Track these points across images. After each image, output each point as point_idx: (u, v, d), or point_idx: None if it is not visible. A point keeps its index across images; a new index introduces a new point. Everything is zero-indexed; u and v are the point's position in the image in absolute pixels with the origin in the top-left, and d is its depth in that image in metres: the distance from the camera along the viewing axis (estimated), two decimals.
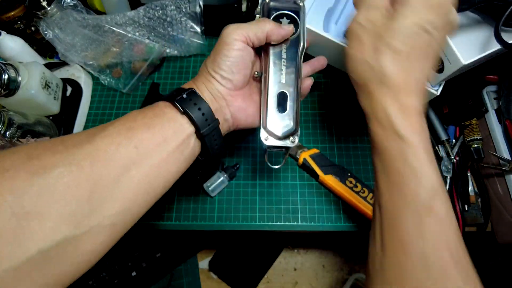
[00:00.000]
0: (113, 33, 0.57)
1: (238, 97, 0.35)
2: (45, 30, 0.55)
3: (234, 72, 0.34)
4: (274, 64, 0.36)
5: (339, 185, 0.49)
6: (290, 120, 0.36)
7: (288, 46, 0.37)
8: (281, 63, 0.36)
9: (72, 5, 0.57)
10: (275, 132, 0.35)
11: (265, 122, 0.35)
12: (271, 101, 0.35)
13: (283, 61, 0.36)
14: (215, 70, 0.34)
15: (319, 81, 0.60)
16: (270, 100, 0.35)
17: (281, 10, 0.37)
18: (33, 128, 0.49)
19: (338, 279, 1.07)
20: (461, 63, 0.41)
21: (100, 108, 0.59)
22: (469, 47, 0.46)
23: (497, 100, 0.51)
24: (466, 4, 0.40)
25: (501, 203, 0.48)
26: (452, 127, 0.54)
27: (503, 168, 0.47)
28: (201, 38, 0.59)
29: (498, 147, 0.48)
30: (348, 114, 0.57)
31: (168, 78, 0.61)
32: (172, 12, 0.57)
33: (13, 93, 0.46)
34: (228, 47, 0.33)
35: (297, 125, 0.36)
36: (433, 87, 0.48)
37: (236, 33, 0.33)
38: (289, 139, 0.36)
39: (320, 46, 0.53)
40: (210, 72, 0.34)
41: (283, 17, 0.37)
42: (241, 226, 0.50)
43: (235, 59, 0.33)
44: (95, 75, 0.60)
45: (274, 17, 0.37)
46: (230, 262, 0.99)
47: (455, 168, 0.51)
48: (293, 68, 0.36)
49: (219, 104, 0.34)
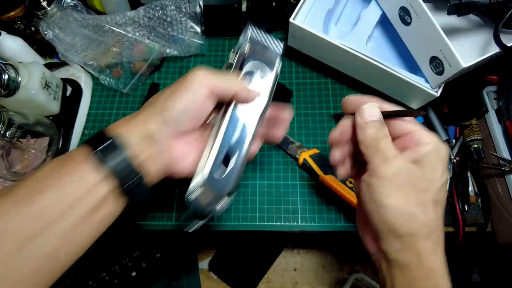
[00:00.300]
0: (113, 33, 0.57)
1: (180, 143, 0.31)
2: (45, 30, 0.55)
3: (186, 120, 0.30)
4: (231, 120, 0.32)
5: (339, 185, 0.49)
6: (228, 182, 0.31)
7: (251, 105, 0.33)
8: (239, 121, 0.33)
9: (72, 5, 0.57)
10: (208, 190, 0.31)
11: (200, 176, 0.31)
12: (212, 157, 0.31)
13: (241, 119, 0.33)
14: (164, 112, 0.29)
15: (319, 81, 0.60)
16: (213, 156, 0.31)
17: (257, 61, 0.34)
18: (33, 128, 0.49)
19: (338, 279, 1.07)
20: (461, 66, 0.41)
21: (100, 108, 0.59)
22: (469, 50, 0.46)
23: (497, 100, 0.51)
24: (467, 8, 0.40)
25: (501, 203, 0.48)
26: (452, 127, 0.54)
27: (503, 168, 0.47)
28: (201, 38, 0.59)
29: (498, 147, 0.48)
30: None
31: (168, 78, 0.61)
32: (172, 12, 0.57)
33: (13, 93, 0.46)
34: (190, 93, 0.29)
35: (233, 188, 0.32)
36: (433, 89, 0.48)
37: (204, 80, 0.30)
38: (220, 203, 0.31)
39: (320, 47, 0.53)
40: (157, 112, 0.29)
41: (258, 70, 0.34)
42: (241, 226, 0.50)
43: (192, 108, 0.29)
44: (95, 75, 0.60)
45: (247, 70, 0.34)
46: (230, 262, 0.99)
47: (455, 168, 0.51)
48: (249, 129, 0.33)
49: (153, 150, 0.29)
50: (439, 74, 0.45)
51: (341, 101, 0.34)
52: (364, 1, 0.57)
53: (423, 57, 0.47)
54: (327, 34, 0.53)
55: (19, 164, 0.50)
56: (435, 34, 0.43)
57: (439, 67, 0.45)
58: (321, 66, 0.58)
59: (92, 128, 0.58)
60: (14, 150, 0.50)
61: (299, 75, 0.61)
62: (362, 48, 0.50)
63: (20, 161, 0.50)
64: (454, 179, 0.50)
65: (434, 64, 0.45)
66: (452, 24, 0.48)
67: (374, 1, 0.53)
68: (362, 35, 0.52)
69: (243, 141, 0.33)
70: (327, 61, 0.57)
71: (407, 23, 0.47)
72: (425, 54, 0.46)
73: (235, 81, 0.32)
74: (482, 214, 0.50)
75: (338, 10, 0.57)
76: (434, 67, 0.45)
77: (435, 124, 0.54)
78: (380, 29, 0.56)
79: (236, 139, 0.32)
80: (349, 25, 0.56)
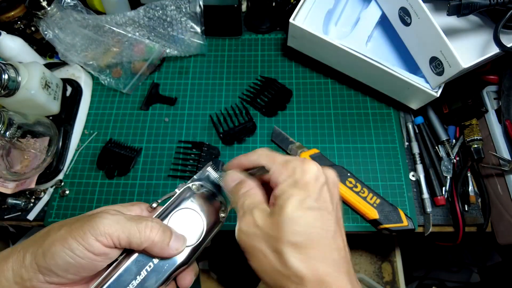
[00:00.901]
0: (113, 33, 0.57)
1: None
2: (45, 30, 0.55)
3: (71, 274, 0.24)
4: (128, 269, 0.26)
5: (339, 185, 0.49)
6: None
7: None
8: (141, 271, 0.26)
9: (72, 5, 0.57)
10: None
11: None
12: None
13: (146, 270, 0.26)
14: (41, 261, 0.24)
15: (319, 81, 0.60)
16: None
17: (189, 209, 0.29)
18: (33, 128, 0.49)
19: None
20: (460, 66, 0.41)
21: (100, 108, 0.59)
22: (469, 51, 0.46)
23: (497, 100, 0.51)
24: (467, 9, 0.40)
25: (501, 203, 0.48)
26: (452, 127, 0.54)
27: (503, 168, 0.47)
28: (201, 38, 0.59)
29: (498, 147, 0.48)
30: (348, 114, 0.57)
31: (168, 78, 0.61)
32: (172, 12, 0.57)
33: (13, 93, 0.46)
34: (80, 246, 0.24)
35: None
36: (433, 89, 0.48)
37: (108, 230, 0.24)
38: None
39: (320, 48, 0.53)
40: (35, 258, 0.24)
41: (187, 218, 0.29)
42: None
43: (80, 262, 0.24)
44: (95, 75, 0.60)
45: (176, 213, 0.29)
46: (230, 262, 0.99)
47: (455, 168, 0.51)
48: (154, 284, 0.26)
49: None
50: (439, 74, 0.45)
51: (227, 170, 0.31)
52: (364, 2, 0.57)
53: (423, 58, 0.47)
54: (327, 35, 0.53)
55: (19, 164, 0.50)
56: (435, 35, 0.43)
57: (439, 68, 0.45)
58: (321, 66, 0.58)
59: (92, 128, 0.58)
60: (14, 150, 0.50)
61: (299, 75, 0.61)
62: (362, 49, 0.50)
63: (20, 161, 0.50)
64: (454, 179, 0.51)
65: (434, 64, 0.45)
66: (452, 25, 0.48)
67: (374, 2, 0.53)
68: (362, 35, 0.52)
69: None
70: (327, 61, 0.57)
71: (407, 23, 0.47)
72: (425, 54, 0.46)
73: (152, 230, 0.26)
74: (482, 214, 0.50)
75: (338, 10, 0.57)
76: (434, 68, 0.46)
77: (435, 124, 0.54)
78: (380, 29, 0.56)
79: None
80: (349, 25, 0.56)
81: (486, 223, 0.49)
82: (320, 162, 0.51)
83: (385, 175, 0.52)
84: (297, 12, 0.52)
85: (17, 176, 0.49)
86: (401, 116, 0.56)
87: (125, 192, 0.53)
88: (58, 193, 0.53)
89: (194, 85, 0.61)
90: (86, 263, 0.24)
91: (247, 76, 0.61)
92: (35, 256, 0.24)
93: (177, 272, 0.28)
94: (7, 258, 0.25)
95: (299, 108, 0.58)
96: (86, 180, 0.54)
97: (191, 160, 0.54)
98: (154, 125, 0.58)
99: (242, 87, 0.60)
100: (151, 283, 0.26)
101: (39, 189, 0.53)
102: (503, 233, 0.48)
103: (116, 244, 0.25)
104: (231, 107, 0.58)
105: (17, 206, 0.51)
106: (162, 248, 0.26)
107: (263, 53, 0.63)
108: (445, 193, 0.50)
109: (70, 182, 0.54)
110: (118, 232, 0.25)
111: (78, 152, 0.56)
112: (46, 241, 0.24)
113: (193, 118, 0.58)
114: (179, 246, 0.28)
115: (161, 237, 0.26)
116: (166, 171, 0.54)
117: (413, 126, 0.55)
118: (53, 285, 0.25)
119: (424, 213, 0.50)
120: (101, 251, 0.24)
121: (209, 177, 0.32)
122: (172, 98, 0.59)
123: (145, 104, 0.59)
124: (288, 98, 0.58)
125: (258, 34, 0.65)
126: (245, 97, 0.59)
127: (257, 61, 0.62)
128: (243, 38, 0.65)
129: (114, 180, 0.54)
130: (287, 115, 0.57)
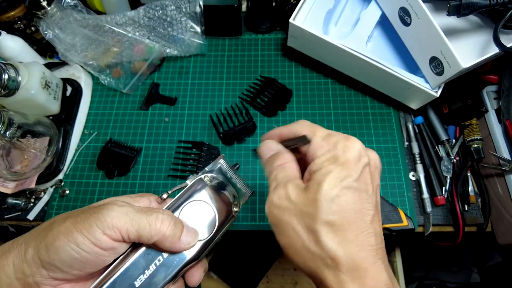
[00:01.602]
0: (113, 33, 0.57)
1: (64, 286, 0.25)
2: (45, 30, 0.55)
3: (76, 269, 0.23)
4: (136, 263, 0.25)
5: None
6: None
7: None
8: (150, 265, 0.25)
9: (72, 5, 0.57)
10: None
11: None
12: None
13: (154, 264, 0.25)
14: (45, 256, 0.23)
15: (319, 81, 0.60)
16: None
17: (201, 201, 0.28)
18: (33, 128, 0.49)
19: None
20: (460, 66, 0.41)
21: (100, 108, 0.59)
22: (469, 51, 0.46)
23: (497, 100, 0.51)
24: (467, 9, 0.40)
25: (501, 203, 0.48)
26: (452, 127, 0.54)
27: (503, 168, 0.47)
28: (201, 38, 0.59)
29: (498, 147, 0.48)
30: (348, 114, 0.57)
31: (168, 78, 0.61)
32: (172, 12, 0.57)
33: (13, 93, 0.46)
34: (87, 240, 0.22)
35: None
36: (433, 89, 0.48)
37: (116, 223, 0.23)
38: None
39: (320, 48, 0.53)
40: (37, 253, 0.23)
41: (199, 211, 0.28)
42: (241, 226, 0.50)
43: (86, 257, 0.23)
44: (95, 75, 0.60)
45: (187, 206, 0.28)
46: (230, 262, 0.99)
47: (455, 168, 0.51)
48: (163, 279, 0.25)
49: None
50: (439, 74, 0.45)
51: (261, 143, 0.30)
52: (364, 2, 0.57)
53: (423, 58, 0.47)
54: (327, 35, 0.53)
55: (19, 164, 0.50)
56: (435, 35, 0.43)
57: (439, 68, 0.45)
58: (321, 66, 0.58)
59: (92, 128, 0.58)
60: (14, 150, 0.50)
61: (299, 75, 0.61)
62: (362, 49, 0.50)
63: (20, 161, 0.50)
64: (454, 179, 0.51)
65: (434, 64, 0.45)
66: (452, 25, 0.48)
67: (374, 2, 0.53)
68: (362, 35, 0.52)
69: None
70: (327, 61, 0.57)
71: (407, 23, 0.47)
72: (425, 54, 0.46)
73: (163, 223, 0.25)
74: (482, 214, 0.50)
75: (338, 10, 0.57)
76: (434, 68, 0.46)
77: (435, 124, 0.54)
78: (380, 29, 0.56)
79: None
80: (349, 25, 0.56)
81: (486, 223, 0.49)
82: None
83: (385, 175, 0.52)
84: (297, 12, 0.52)
85: (17, 176, 0.49)
86: (401, 116, 0.56)
87: (125, 192, 0.53)
88: (58, 193, 0.53)
89: (194, 85, 0.61)
90: (93, 258, 0.23)
91: (247, 76, 0.61)
92: (37, 250, 0.23)
93: (187, 268, 0.26)
94: (8, 252, 0.24)
95: (299, 108, 0.58)
96: (86, 180, 0.54)
97: (191, 160, 0.54)
98: (154, 125, 0.58)
99: (242, 87, 0.60)
100: (159, 278, 0.25)
101: (39, 189, 0.53)
102: (503, 233, 0.48)
103: (125, 238, 0.23)
104: (231, 107, 0.58)
105: (17, 206, 0.52)
106: (173, 242, 0.25)
107: (263, 53, 0.63)
108: (445, 193, 0.50)
109: (70, 182, 0.54)
110: (127, 225, 0.23)
111: (78, 152, 0.56)
112: (49, 234, 0.23)
113: (193, 118, 0.58)
114: (190, 240, 0.26)
115: (173, 231, 0.25)
116: (166, 171, 0.54)
117: (413, 126, 0.55)
118: (57, 280, 0.24)
119: (424, 213, 0.50)
120: (108, 246, 0.23)
121: (221, 169, 0.30)
122: (172, 98, 0.59)
123: (145, 104, 0.59)
124: (288, 98, 0.58)
125: (258, 34, 0.65)
126: (245, 97, 0.59)
127: (257, 61, 0.62)
128: (243, 38, 0.65)
129: (114, 180, 0.54)
130: (287, 115, 0.57)
